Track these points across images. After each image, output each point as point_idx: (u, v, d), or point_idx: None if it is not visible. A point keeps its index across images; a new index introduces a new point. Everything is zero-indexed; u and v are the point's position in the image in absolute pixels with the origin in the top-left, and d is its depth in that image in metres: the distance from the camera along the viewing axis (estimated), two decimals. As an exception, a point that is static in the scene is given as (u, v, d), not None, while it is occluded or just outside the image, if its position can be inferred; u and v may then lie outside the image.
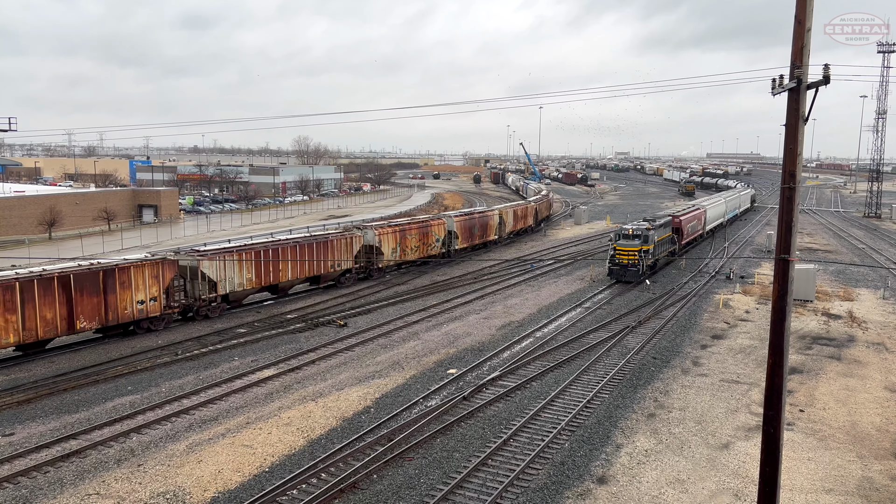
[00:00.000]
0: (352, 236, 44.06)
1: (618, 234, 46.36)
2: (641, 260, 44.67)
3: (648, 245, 45.45)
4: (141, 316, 32.15)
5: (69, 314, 29.14)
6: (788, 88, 11.11)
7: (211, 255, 35.34)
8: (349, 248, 43.62)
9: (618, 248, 45.44)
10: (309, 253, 40.12)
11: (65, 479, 18.30)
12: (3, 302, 26.90)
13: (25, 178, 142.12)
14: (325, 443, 20.60)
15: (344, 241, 43.18)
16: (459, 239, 54.91)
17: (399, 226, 49.42)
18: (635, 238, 45.08)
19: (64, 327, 29.19)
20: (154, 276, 32.39)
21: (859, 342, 32.44)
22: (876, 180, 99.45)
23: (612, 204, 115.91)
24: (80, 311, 29.51)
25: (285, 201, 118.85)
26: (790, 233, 11.42)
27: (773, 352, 11.83)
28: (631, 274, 44.90)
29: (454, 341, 31.78)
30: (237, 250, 36.82)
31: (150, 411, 22.96)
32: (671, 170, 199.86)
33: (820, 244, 67.46)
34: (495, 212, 63.15)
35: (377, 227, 46.96)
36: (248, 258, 36.70)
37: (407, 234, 48.81)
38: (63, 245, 64.09)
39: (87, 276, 29.79)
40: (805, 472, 19.22)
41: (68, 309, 29.07)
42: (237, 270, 36.15)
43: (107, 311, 30.51)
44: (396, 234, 47.79)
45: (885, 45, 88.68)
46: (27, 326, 27.75)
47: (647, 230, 45.54)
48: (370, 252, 45.59)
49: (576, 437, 21.14)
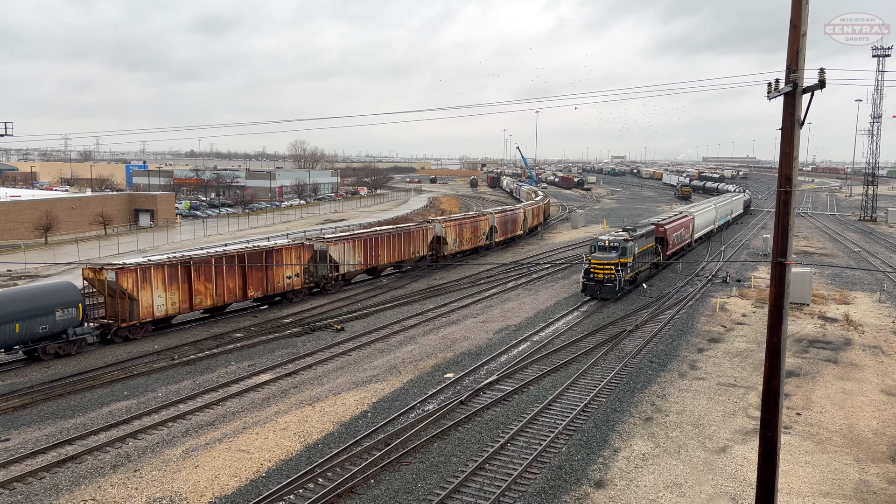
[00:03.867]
0: (427, 228, 52.04)
1: (593, 247, 42.12)
2: (619, 275, 40.56)
3: (627, 258, 41.42)
4: (288, 289, 39.60)
5: (244, 285, 36.79)
6: (784, 93, 11.16)
7: (335, 240, 43.19)
8: (425, 238, 51.44)
9: (593, 262, 41.20)
10: (396, 242, 47.85)
11: (60, 485, 18.22)
12: (204, 274, 34.61)
13: (21, 182, 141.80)
14: (322, 448, 20.55)
15: (421, 233, 51.11)
16: (498, 232, 62.39)
17: (457, 220, 57.05)
18: (612, 250, 40.96)
19: (240, 295, 36.90)
20: (297, 256, 39.98)
21: (856, 345, 32.50)
22: (871, 184, 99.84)
23: (609, 208, 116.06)
24: (251, 283, 37.09)
25: (282, 205, 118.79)
26: (786, 236, 11.45)
27: (770, 355, 11.85)
28: (607, 290, 40.67)
29: (451, 345, 31.76)
30: (352, 238, 44.70)
31: (147, 416, 22.89)
32: (669, 174, 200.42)
33: (816, 248, 67.63)
34: (520, 210, 70.86)
35: (443, 222, 54.93)
36: (359, 245, 44.56)
37: (463, 227, 56.35)
38: (59, 249, 63.90)
39: (255, 254, 37.43)
40: (802, 475, 19.23)
41: (243, 280, 36.66)
42: (352, 254, 43.96)
43: (267, 283, 38.12)
44: (456, 227, 55.47)
45: (879, 50, 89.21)
46: (218, 293, 35.58)
47: (624, 242, 41.34)
48: (438, 242, 53.12)
49: (573, 441, 21.13)
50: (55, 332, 29.04)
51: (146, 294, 32.11)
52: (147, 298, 32.15)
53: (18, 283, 45.11)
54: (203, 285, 34.60)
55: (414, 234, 49.85)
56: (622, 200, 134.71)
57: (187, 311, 34.47)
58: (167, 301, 33.02)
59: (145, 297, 32.07)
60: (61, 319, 29.01)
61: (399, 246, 48.21)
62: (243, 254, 36.85)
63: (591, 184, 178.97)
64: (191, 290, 34.08)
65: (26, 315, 27.75)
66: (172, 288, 33.17)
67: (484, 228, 59.46)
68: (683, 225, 56.49)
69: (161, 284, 32.67)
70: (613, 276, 40.37)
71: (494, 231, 61.26)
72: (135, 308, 31.79)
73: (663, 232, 50.02)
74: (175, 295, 33.37)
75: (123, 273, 31.31)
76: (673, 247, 52.86)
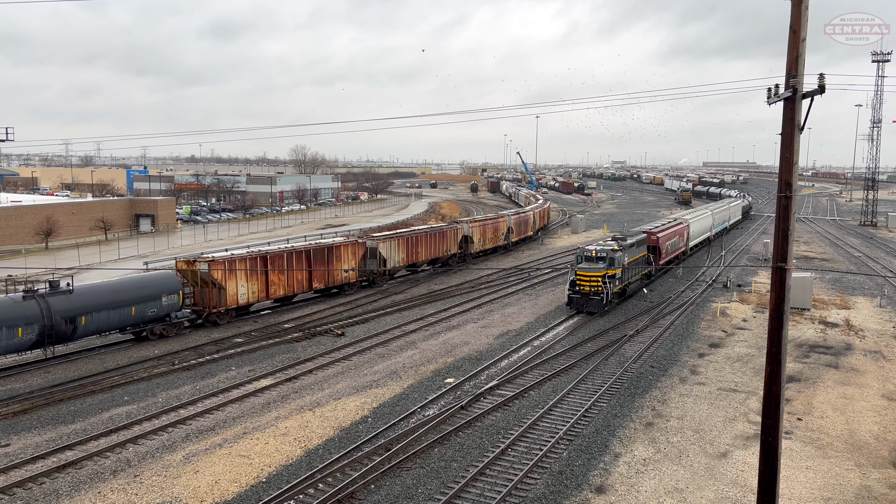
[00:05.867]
0: (457, 229, 56.67)
1: (579, 257, 39.62)
2: (606, 287, 38.18)
3: (615, 269, 39.08)
4: (345, 282, 44.14)
5: (309, 277, 40.88)
6: (784, 98, 11.18)
7: (383, 238, 47.47)
8: (455, 237, 55.99)
9: (578, 274, 38.83)
10: (432, 240, 52.56)
11: (60, 491, 18.19)
12: (278, 266, 38.60)
13: (22, 187, 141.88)
14: (323, 453, 20.53)
15: (452, 232, 55.74)
16: (514, 233, 67.43)
17: (481, 222, 61.90)
18: (599, 261, 38.62)
19: (306, 286, 41.09)
20: (353, 253, 44.33)
21: (856, 350, 32.47)
22: (871, 189, 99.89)
23: (609, 212, 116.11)
24: (315, 275, 41.21)
25: (282, 210, 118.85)
26: (787, 241, 11.46)
27: (771, 360, 11.84)
28: (594, 304, 38.29)
29: (452, 350, 31.74)
30: (397, 236, 49.08)
31: (147, 421, 22.86)
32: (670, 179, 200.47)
33: (816, 252, 67.62)
34: (530, 212, 76.24)
35: (471, 223, 59.69)
36: (403, 243, 48.72)
37: (486, 228, 61.16)
38: (60, 255, 63.91)
39: (319, 250, 41.91)
40: (803, 480, 19.19)
41: (308, 273, 40.65)
42: (397, 251, 48.10)
43: (328, 275, 42.37)
44: (481, 228, 60.28)
45: (879, 55, 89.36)
46: (289, 284, 39.56)
47: (612, 252, 39.04)
48: (466, 241, 57.62)
49: (574, 447, 21.09)
50: (160, 316, 33.25)
51: (232, 284, 36.16)
52: (233, 287, 36.25)
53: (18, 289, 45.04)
54: (277, 277, 38.73)
55: (447, 234, 54.88)
56: (622, 205, 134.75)
57: (264, 299, 38.90)
58: (248, 290, 37.21)
59: (231, 286, 36.13)
60: (166, 304, 33.28)
61: (435, 244, 52.94)
62: (309, 249, 41.33)
63: (591, 189, 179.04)
64: (267, 281, 38.08)
65: (140, 300, 31.98)
66: (252, 279, 37.26)
67: (503, 229, 64.72)
68: (678, 233, 54.36)
69: (244, 275, 36.78)
70: (600, 289, 38.12)
71: (511, 231, 66.67)
72: (222, 296, 35.83)
73: (655, 240, 47.91)
74: (255, 285, 37.53)
75: (214, 265, 35.46)
76: (666, 256, 50.88)
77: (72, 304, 29.15)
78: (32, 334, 27.74)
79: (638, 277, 44.45)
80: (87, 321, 29.69)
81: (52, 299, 28.63)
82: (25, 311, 27.60)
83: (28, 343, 27.95)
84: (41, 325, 27.91)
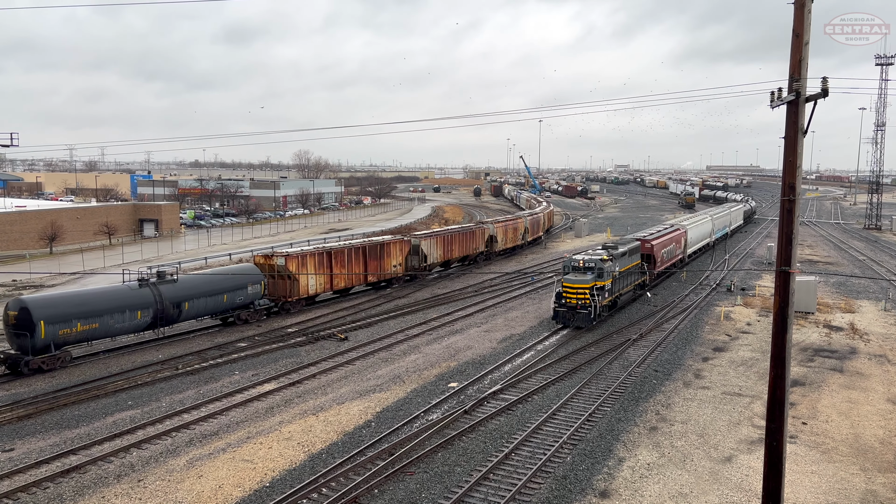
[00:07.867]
0: (484, 229, 61.35)
1: (566, 267, 36.92)
2: (594, 300, 35.51)
3: (604, 280, 36.38)
4: (393, 276, 48.37)
5: (365, 271, 45.26)
6: (787, 101, 11.18)
7: (424, 236, 52.17)
8: (483, 236, 60.72)
9: (565, 285, 36.18)
10: (464, 239, 57.35)
11: (64, 495, 18.20)
12: (340, 261, 42.95)
13: (27, 192, 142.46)
14: (326, 457, 20.51)
15: (480, 232, 60.45)
16: (529, 233, 71.81)
17: (503, 222, 66.78)
18: (587, 271, 36.02)
19: (361, 280, 45.74)
20: (400, 249, 48.82)
21: (861, 354, 32.36)
22: (876, 192, 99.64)
23: (613, 216, 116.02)
24: (369, 270, 45.57)
25: (286, 215, 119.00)
26: (791, 245, 11.44)
27: (775, 364, 11.82)
28: (581, 318, 35.57)
29: (455, 354, 31.72)
30: (435, 235, 53.91)
31: (151, 426, 22.88)
32: (674, 182, 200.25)
33: (820, 256, 67.46)
34: (540, 214, 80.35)
35: (495, 223, 64.37)
36: (440, 241, 53.03)
37: (507, 228, 66.05)
38: (64, 259, 64.08)
39: (373, 246, 46.49)
40: (808, 485, 19.11)
41: (364, 267, 45.04)
42: (436, 248, 52.31)
43: (381, 270, 46.65)
44: (503, 228, 65.13)
45: (883, 58, 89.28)
46: (348, 277, 44.01)
47: (601, 262, 36.29)
48: (491, 240, 62.13)
49: (578, 451, 21.05)
50: (245, 304, 37.26)
51: (304, 276, 39.92)
52: (304, 279, 40.05)
53: (24, 293, 45.18)
54: (339, 270, 43.05)
55: (476, 233, 60.05)
56: (626, 209, 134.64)
57: (328, 290, 43.23)
58: (317, 282, 41.16)
59: (303, 278, 39.90)
60: (251, 293, 37.40)
61: (465, 242, 57.61)
62: (365, 246, 45.84)
63: (594, 193, 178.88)
64: (331, 274, 42.29)
65: (230, 289, 35.99)
66: (320, 271, 41.19)
67: (521, 229, 69.31)
68: (674, 239, 51.57)
69: (313, 268, 40.56)
70: (588, 302, 35.42)
71: (527, 231, 71.35)
72: (295, 287, 39.59)
73: (650, 248, 45.26)
74: (322, 277, 41.58)
75: (290, 259, 39.40)
76: (662, 264, 48.22)
77: (177, 292, 33.22)
78: (148, 317, 31.88)
79: (630, 288, 41.83)
80: (189, 306, 33.84)
81: (163, 287, 32.66)
82: (142, 296, 31.76)
83: (144, 325, 31.93)
84: (154, 309, 32.03)
